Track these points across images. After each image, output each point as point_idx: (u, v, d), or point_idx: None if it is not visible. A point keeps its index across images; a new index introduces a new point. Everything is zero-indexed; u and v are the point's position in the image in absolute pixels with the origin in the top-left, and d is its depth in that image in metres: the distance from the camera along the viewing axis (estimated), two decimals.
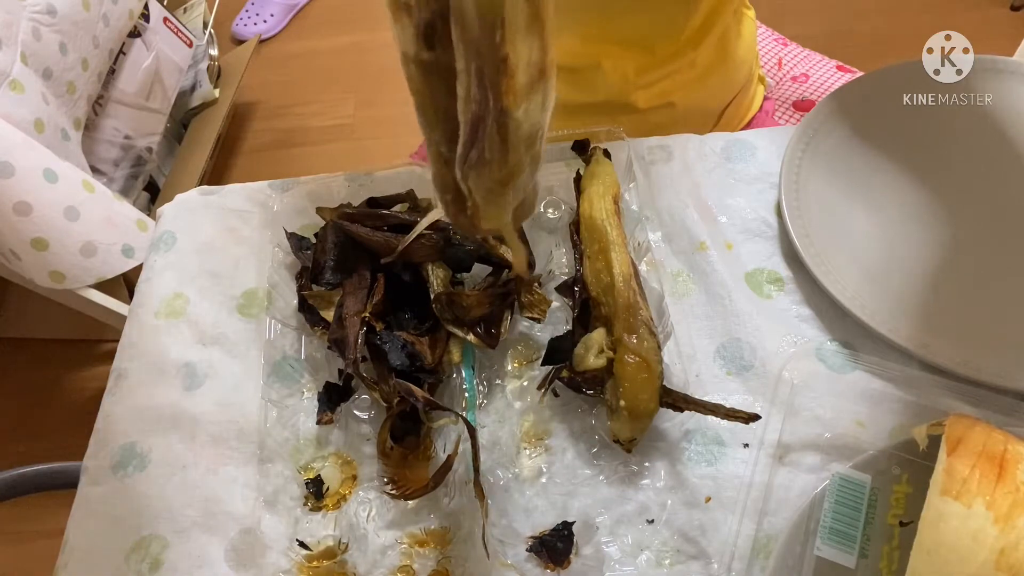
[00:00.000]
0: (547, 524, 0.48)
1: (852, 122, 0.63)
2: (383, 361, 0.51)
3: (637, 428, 0.48)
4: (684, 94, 0.76)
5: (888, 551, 0.44)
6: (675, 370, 0.52)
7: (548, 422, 0.52)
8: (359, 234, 0.55)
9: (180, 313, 0.60)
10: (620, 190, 0.58)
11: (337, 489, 0.51)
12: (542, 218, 0.62)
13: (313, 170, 0.69)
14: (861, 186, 0.60)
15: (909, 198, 0.60)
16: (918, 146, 0.62)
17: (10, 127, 1.08)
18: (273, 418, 0.54)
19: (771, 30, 0.97)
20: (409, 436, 0.51)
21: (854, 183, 0.61)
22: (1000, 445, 0.41)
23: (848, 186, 0.60)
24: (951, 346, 0.51)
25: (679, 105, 0.76)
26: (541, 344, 0.55)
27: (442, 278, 0.54)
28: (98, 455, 0.54)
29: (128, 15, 1.39)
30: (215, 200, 0.67)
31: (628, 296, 0.50)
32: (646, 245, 0.57)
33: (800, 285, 0.57)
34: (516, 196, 0.39)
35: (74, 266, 1.17)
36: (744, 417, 0.46)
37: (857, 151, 0.62)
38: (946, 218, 0.58)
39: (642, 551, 0.47)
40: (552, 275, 0.59)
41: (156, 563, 0.49)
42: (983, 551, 0.37)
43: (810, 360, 0.52)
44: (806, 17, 1.78)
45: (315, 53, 1.97)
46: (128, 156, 1.48)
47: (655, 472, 0.50)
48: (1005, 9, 1.76)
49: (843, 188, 0.60)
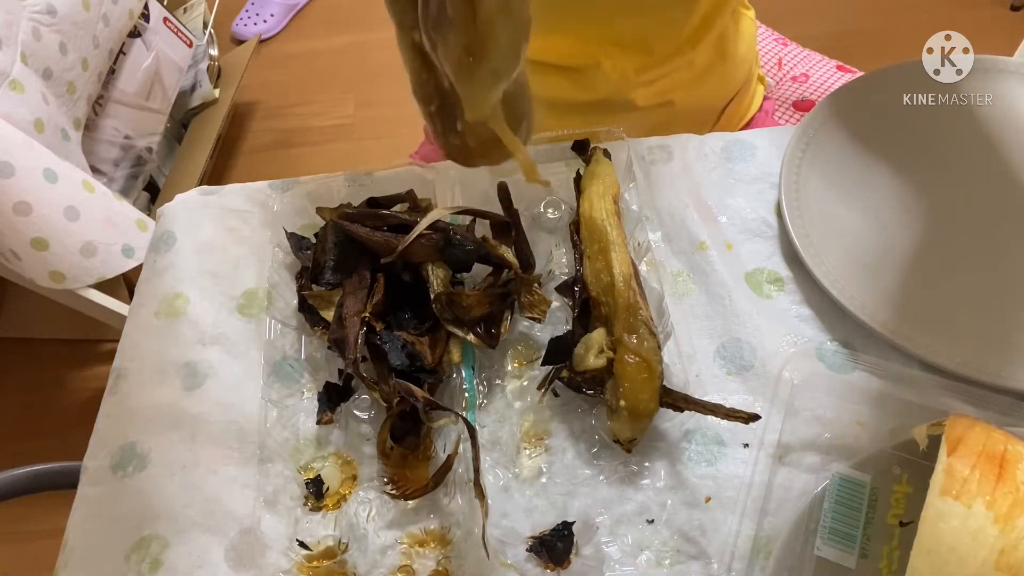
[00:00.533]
0: (547, 524, 0.48)
1: (852, 122, 0.63)
2: (383, 361, 0.51)
3: (637, 428, 0.48)
4: (683, 93, 0.76)
5: (888, 551, 0.44)
6: (675, 370, 0.52)
7: (548, 422, 0.52)
8: (359, 234, 0.55)
9: (180, 313, 0.60)
10: (620, 190, 0.58)
11: (337, 489, 0.51)
12: (542, 218, 0.62)
13: (313, 170, 0.69)
14: (861, 186, 0.60)
15: (909, 198, 0.60)
16: (918, 146, 0.62)
17: (10, 127, 1.08)
18: (273, 418, 0.54)
19: (771, 30, 0.97)
20: (409, 436, 0.51)
21: (854, 183, 0.61)
22: (1000, 445, 0.41)
23: (848, 186, 0.60)
24: (951, 346, 0.51)
25: (679, 103, 0.77)
26: (541, 344, 0.55)
27: (442, 278, 0.54)
28: (98, 455, 0.54)
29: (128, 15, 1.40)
30: (215, 200, 0.67)
31: (628, 296, 0.50)
32: (646, 245, 0.57)
33: (800, 285, 0.57)
34: (497, 79, 0.34)
35: (74, 266, 1.17)
36: (744, 417, 0.46)
37: (857, 151, 0.62)
38: (946, 218, 0.58)
39: (642, 551, 0.47)
40: (552, 275, 0.59)
41: (156, 563, 0.49)
42: (983, 551, 0.37)
43: (810, 360, 0.52)
44: (806, 17, 1.78)
45: (315, 53, 1.97)
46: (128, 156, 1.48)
47: (655, 472, 0.50)
48: (1005, 9, 1.76)
49: (843, 188, 0.60)
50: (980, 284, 0.55)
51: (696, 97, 0.78)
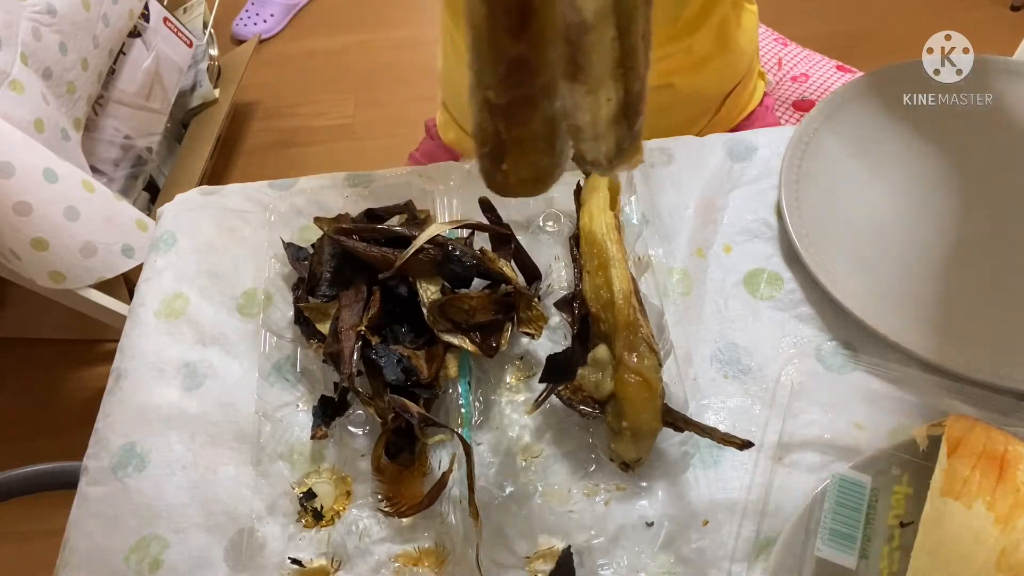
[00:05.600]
0: (542, 544, 0.48)
1: (852, 122, 0.63)
2: (378, 376, 0.51)
3: (642, 448, 0.48)
4: (683, 77, 0.77)
5: (888, 552, 0.44)
6: (672, 374, 0.51)
7: (545, 439, 0.52)
8: (356, 249, 0.55)
9: (180, 313, 0.60)
10: (621, 203, 0.58)
11: (331, 505, 0.51)
12: (541, 232, 0.61)
13: (313, 170, 0.69)
14: (861, 186, 0.60)
15: (909, 198, 0.60)
16: (918, 146, 0.62)
17: (10, 127, 1.08)
18: (267, 432, 0.53)
19: (771, 30, 0.97)
20: (404, 452, 0.50)
21: (854, 183, 0.61)
22: (1000, 445, 0.41)
23: (848, 186, 0.60)
24: (951, 346, 0.51)
25: (679, 87, 0.77)
26: (539, 359, 0.55)
27: (432, 292, 0.53)
28: (98, 455, 0.54)
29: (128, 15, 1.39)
30: (215, 200, 0.67)
31: (628, 313, 0.49)
32: (646, 260, 0.56)
33: (800, 285, 0.57)
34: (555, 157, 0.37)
35: (74, 266, 1.17)
36: (738, 443, 0.45)
37: (857, 151, 0.62)
38: (946, 218, 0.58)
39: (638, 574, 0.46)
40: (551, 289, 0.58)
41: (156, 563, 0.49)
42: (984, 552, 0.37)
43: (809, 361, 0.52)
44: (806, 17, 1.78)
45: (315, 53, 1.97)
46: (128, 156, 1.48)
47: (653, 492, 0.49)
48: (1005, 9, 1.76)
49: (843, 188, 0.60)
50: (980, 284, 0.55)
51: (697, 83, 0.78)
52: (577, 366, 0.50)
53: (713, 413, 0.52)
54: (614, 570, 0.47)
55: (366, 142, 1.79)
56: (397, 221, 0.61)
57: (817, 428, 0.50)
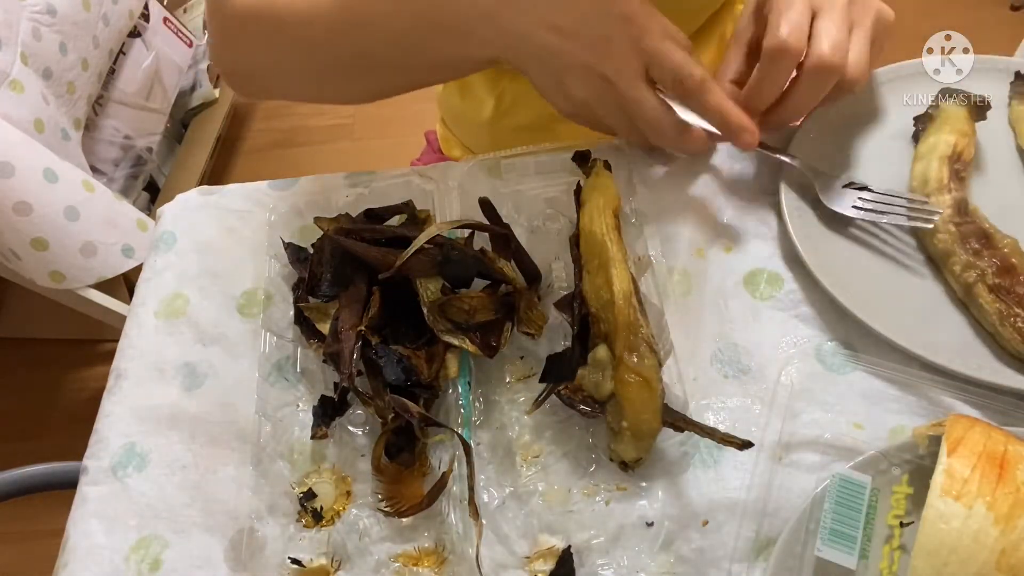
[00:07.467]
0: (542, 543, 0.48)
1: (852, 122, 0.63)
2: (378, 376, 0.51)
3: (642, 447, 0.48)
4: None
5: (889, 552, 0.44)
6: (672, 374, 0.51)
7: (545, 439, 0.52)
8: (356, 250, 0.55)
9: (180, 313, 0.60)
10: (621, 203, 0.58)
11: (331, 505, 0.51)
12: (541, 231, 0.61)
13: (313, 170, 0.69)
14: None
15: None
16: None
17: (10, 127, 1.08)
18: (267, 432, 0.53)
19: None
20: (404, 452, 0.50)
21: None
22: (1000, 445, 0.41)
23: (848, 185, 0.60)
24: (951, 346, 0.51)
25: None
26: (540, 358, 0.54)
27: (432, 290, 0.53)
28: (98, 455, 0.54)
29: (128, 15, 1.40)
30: (215, 200, 0.67)
31: (628, 314, 0.49)
32: (646, 260, 0.56)
33: (800, 285, 0.57)
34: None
35: (74, 266, 1.18)
36: (738, 444, 0.46)
37: (857, 151, 0.62)
38: None
39: (639, 573, 0.46)
40: (551, 289, 0.58)
41: (156, 563, 0.49)
42: (984, 552, 0.37)
43: (809, 361, 0.52)
44: None
45: None
46: (128, 156, 1.48)
47: (652, 492, 0.49)
48: (1005, 9, 1.76)
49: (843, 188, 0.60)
50: None
51: None
52: (577, 366, 0.50)
53: (713, 413, 0.52)
54: (614, 570, 0.47)
55: (366, 142, 1.79)
56: (397, 221, 0.61)
57: (817, 428, 0.50)
